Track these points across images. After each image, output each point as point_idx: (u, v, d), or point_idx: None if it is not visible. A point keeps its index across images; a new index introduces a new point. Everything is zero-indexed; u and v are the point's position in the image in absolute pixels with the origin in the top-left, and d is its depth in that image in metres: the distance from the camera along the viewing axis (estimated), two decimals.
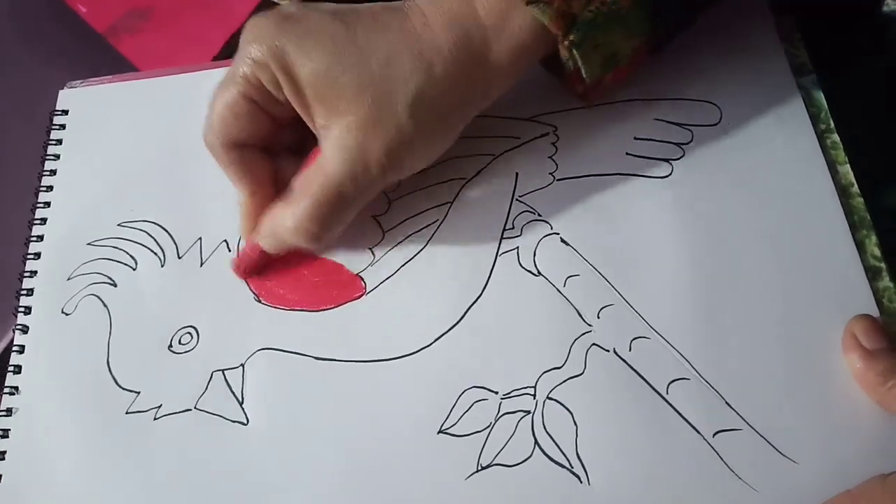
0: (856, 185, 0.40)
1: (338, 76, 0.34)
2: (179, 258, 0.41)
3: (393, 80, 0.34)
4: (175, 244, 0.41)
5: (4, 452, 0.37)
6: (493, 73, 0.36)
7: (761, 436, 0.35)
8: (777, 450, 0.34)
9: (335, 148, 0.35)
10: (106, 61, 0.52)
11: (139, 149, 0.45)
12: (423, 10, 0.35)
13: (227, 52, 0.51)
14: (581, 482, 0.34)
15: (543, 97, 0.43)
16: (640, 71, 0.40)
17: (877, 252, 0.38)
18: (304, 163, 0.38)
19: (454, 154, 0.40)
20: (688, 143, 0.41)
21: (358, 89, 0.34)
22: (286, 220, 0.36)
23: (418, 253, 0.40)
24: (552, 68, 0.39)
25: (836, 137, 0.41)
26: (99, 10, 0.53)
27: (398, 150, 0.35)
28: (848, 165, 0.40)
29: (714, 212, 0.39)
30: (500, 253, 0.39)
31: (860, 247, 0.38)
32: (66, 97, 0.47)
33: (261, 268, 0.40)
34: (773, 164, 0.40)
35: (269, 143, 0.38)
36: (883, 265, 0.38)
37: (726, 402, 0.35)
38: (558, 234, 0.40)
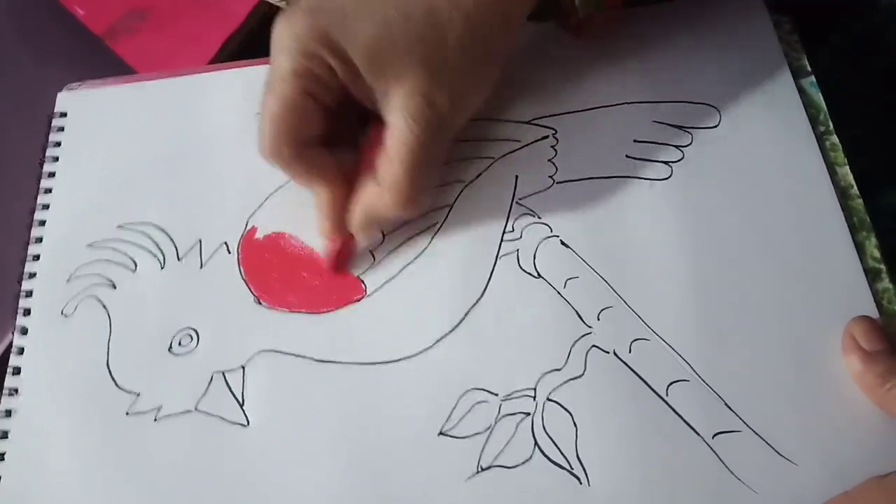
0: (855, 187, 0.40)
1: (388, 43, 0.35)
2: (179, 260, 0.41)
3: (438, 29, 0.35)
4: (175, 246, 0.41)
5: (4, 454, 0.37)
6: (514, 5, 0.37)
7: (761, 437, 0.35)
8: (777, 451, 0.34)
9: (405, 115, 0.36)
10: (104, 63, 0.51)
11: (138, 150, 0.44)
12: None
13: (225, 52, 0.51)
14: (581, 484, 0.34)
15: (543, 100, 0.43)
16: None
17: (876, 254, 0.38)
18: (370, 141, 0.38)
19: (454, 157, 0.40)
20: (687, 146, 0.41)
21: (410, 49, 0.35)
22: (385, 199, 0.37)
23: (419, 255, 0.40)
24: (543, 10, 0.40)
25: (835, 139, 0.41)
26: (96, 12, 0.53)
27: (460, 93, 0.37)
28: (847, 167, 0.40)
29: (713, 214, 0.40)
30: (500, 255, 0.39)
31: (860, 248, 0.38)
32: (65, 99, 0.47)
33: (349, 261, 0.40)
34: (772, 166, 0.40)
35: (326, 137, 0.38)
36: (882, 267, 0.38)
37: (726, 404, 0.35)
38: (558, 236, 0.40)
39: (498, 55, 0.38)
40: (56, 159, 0.45)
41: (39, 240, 0.42)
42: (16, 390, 0.38)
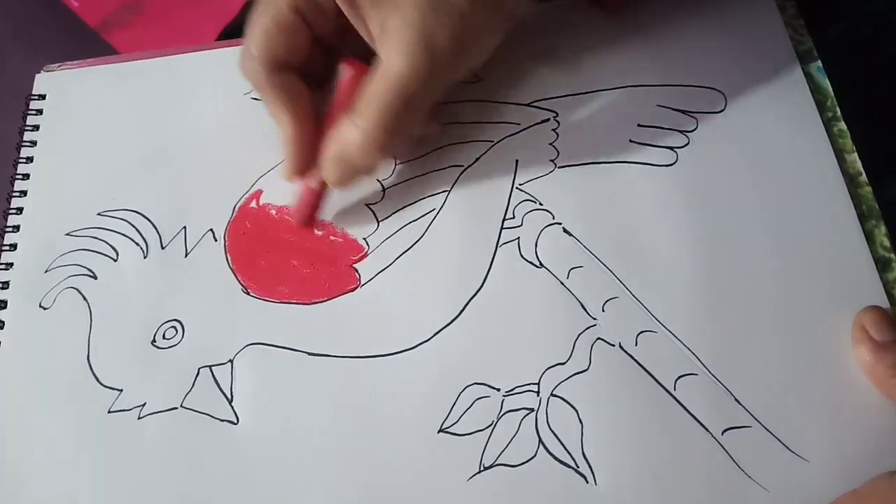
0: (864, 174, 0.39)
1: None
2: (163, 248, 0.40)
3: None
4: (158, 234, 0.40)
5: None
6: None
7: (770, 433, 0.34)
8: (787, 447, 0.34)
9: (397, 47, 0.33)
10: (98, 55, 0.50)
11: (120, 135, 0.43)
12: None
13: None
14: (587, 482, 0.34)
15: (543, 82, 0.42)
16: None
17: (886, 242, 0.38)
18: (355, 75, 0.36)
19: (452, 140, 0.39)
20: (692, 131, 0.41)
21: None
22: (353, 135, 0.35)
23: (415, 243, 0.39)
24: None
25: (842, 125, 0.41)
26: (91, 5, 0.52)
27: (462, 37, 0.34)
28: (855, 154, 0.40)
29: (720, 201, 0.39)
30: (500, 244, 0.38)
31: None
32: (43, 81, 0.45)
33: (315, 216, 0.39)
34: (779, 153, 0.40)
35: (307, 69, 0.37)
36: (892, 255, 0.37)
37: (735, 399, 0.35)
38: (560, 223, 0.39)
39: (511, 12, 0.36)
40: (34, 144, 0.43)
41: (16, 228, 0.41)
42: None
